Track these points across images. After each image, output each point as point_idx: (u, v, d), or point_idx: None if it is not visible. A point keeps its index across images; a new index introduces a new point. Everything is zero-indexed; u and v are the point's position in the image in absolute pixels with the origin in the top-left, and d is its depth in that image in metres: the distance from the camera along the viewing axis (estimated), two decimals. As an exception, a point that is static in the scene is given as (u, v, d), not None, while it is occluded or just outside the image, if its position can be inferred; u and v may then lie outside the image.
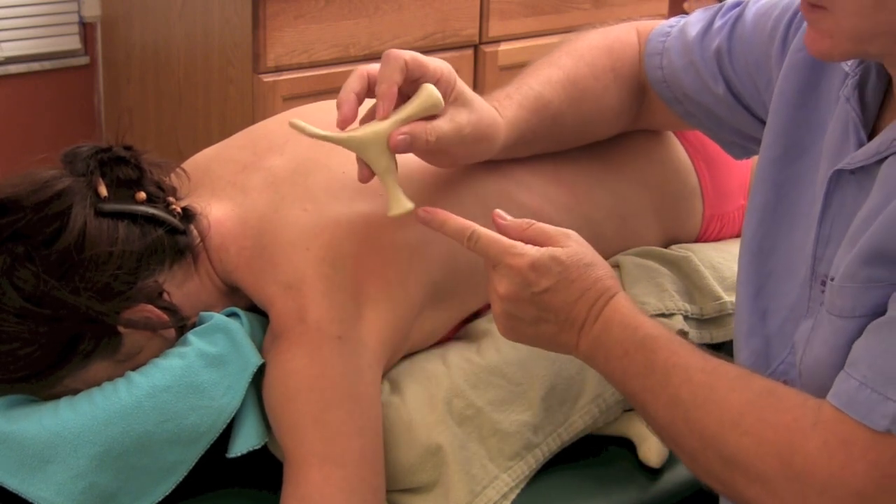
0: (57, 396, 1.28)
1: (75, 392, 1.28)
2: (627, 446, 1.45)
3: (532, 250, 1.21)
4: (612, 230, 1.54)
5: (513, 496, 1.36)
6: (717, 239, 1.64)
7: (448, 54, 2.75)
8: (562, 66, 1.44)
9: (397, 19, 2.68)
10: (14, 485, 1.23)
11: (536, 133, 1.41)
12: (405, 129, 1.24)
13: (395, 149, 1.24)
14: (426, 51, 2.80)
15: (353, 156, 1.29)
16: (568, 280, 1.21)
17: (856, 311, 1.10)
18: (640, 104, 1.51)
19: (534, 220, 1.43)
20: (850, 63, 1.17)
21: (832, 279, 1.13)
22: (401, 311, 1.34)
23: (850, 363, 1.07)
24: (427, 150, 1.27)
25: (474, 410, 1.37)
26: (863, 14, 1.03)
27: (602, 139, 1.53)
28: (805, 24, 1.22)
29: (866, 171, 1.13)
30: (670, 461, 1.43)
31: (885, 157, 1.10)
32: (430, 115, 1.26)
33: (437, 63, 1.27)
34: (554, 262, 1.21)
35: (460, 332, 1.48)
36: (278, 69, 2.58)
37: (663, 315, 1.47)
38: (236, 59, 2.61)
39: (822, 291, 1.17)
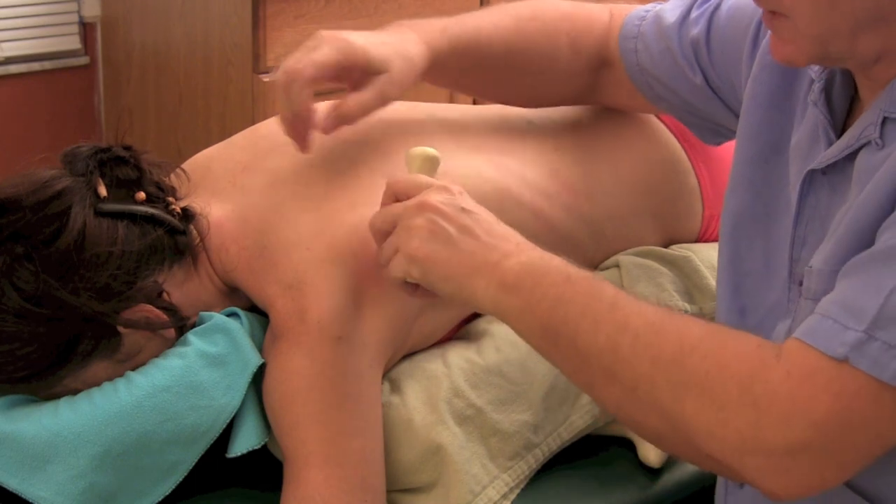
0: (57, 396, 1.28)
1: (75, 392, 1.28)
2: (627, 446, 1.45)
3: None
4: (612, 230, 1.54)
5: (513, 496, 1.36)
6: (717, 239, 1.64)
7: (448, 54, 2.75)
8: (514, 14, 1.47)
9: (397, 19, 2.67)
10: (14, 485, 1.23)
11: (464, 69, 1.44)
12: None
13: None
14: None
15: (351, 158, 1.33)
16: (494, 219, 1.19)
17: None
18: (596, 77, 1.52)
19: (532, 219, 1.44)
20: (815, 69, 1.19)
21: (810, 266, 1.12)
22: (401, 312, 1.34)
23: (817, 308, 1.04)
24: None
25: (474, 410, 1.37)
26: (819, 16, 1.05)
27: (550, 103, 1.55)
28: None
29: (838, 170, 1.13)
30: (670, 461, 1.43)
31: (856, 152, 1.11)
32: (431, 164, 1.27)
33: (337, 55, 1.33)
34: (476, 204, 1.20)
35: (460, 332, 1.48)
36: (278, 69, 2.58)
37: (663, 315, 1.47)
38: (236, 59, 2.61)
39: (801, 292, 1.17)
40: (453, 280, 1.16)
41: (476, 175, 1.42)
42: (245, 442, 1.29)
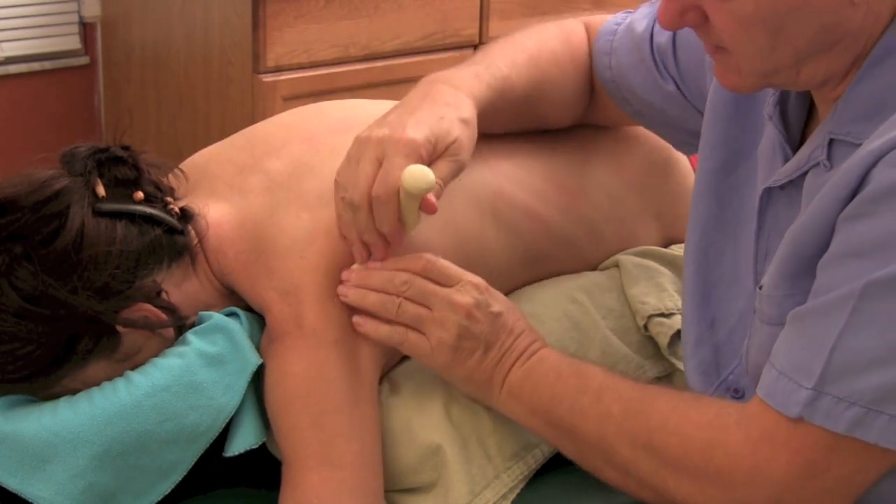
0: (56, 396, 1.28)
1: (74, 392, 1.28)
2: (627, 446, 1.45)
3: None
4: (611, 231, 1.54)
5: (512, 496, 1.36)
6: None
7: (448, 54, 2.76)
8: (526, 48, 1.45)
9: (397, 19, 2.68)
10: (14, 485, 1.23)
11: (498, 112, 1.41)
12: (430, 197, 1.24)
13: (431, 210, 1.24)
14: (426, 51, 2.81)
15: None
16: (515, 311, 1.29)
17: (782, 319, 1.11)
18: (591, 97, 1.52)
19: (526, 221, 1.43)
20: None
21: (761, 287, 1.16)
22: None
23: (772, 355, 1.09)
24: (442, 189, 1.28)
25: (474, 410, 1.36)
26: (761, 56, 1.07)
27: (553, 127, 1.53)
28: None
29: (795, 185, 1.15)
30: (670, 461, 1.43)
31: (807, 172, 1.12)
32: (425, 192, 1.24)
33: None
34: (500, 294, 1.28)
35: (460, 332, 1.48)
36: (278, 69, 2.58)
37: (663, 315, 1.47)
38: (236, 59, 2.61)
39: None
40: (471, 384, 1.29)
41: (468, 177, 1.42)
42: (243, 441, 1.29)
